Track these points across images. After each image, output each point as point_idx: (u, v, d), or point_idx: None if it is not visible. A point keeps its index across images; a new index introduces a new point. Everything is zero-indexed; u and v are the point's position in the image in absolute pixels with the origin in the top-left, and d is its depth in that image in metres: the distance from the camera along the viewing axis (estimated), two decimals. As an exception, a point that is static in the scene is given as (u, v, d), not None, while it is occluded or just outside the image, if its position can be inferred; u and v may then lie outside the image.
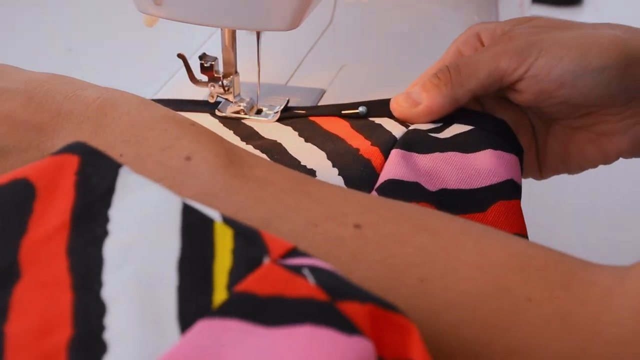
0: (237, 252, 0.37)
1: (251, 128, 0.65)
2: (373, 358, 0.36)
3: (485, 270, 0.42)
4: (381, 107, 0.65)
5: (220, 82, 0.66)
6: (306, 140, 0.63)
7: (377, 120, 0.64)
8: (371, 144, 0.61)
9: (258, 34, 0.65)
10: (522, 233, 0.56)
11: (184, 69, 0.67)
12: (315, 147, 0.62)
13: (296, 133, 0.64)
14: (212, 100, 0.67)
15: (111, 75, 1.10)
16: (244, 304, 0.36)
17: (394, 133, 0.62)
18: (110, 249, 0.37)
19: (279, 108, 0.67)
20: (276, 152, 0.61)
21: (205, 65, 0.66)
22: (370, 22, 0.84)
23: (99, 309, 0.35)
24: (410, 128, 0.63)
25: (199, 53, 0.67)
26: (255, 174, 0.46)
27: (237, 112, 0.67)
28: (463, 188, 0.58)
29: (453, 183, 0.58)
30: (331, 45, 0.80)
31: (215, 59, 0.66)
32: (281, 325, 0.35)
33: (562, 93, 0.61)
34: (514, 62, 0.60)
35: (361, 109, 0.65)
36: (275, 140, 0.63)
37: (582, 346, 0.40)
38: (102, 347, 0.34)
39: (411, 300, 0.42)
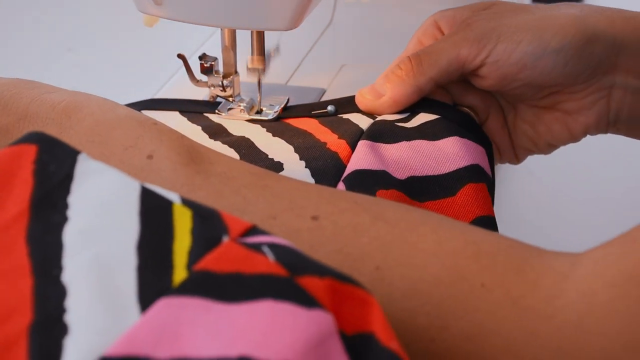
0: (196, 232, 0.38)
1: (220, 125, 0.65)
2: (333, 330, 0.36)
3: (441, 258, 0.43)
4: (349, 104, 0.65)
5: (220, 82, 0.66)
6: (274, 136, 0.63)
7: (345, 115, 0.64)
8: (338, 137, 0.61)
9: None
10: (491, 215, 0.57)
11: (183, 69, 0.67)
12: (282, 141, 0.62)
13: (264, 129, 0.64)
14: (212, 100, 0.67)
15: (111, 75, 1.10)
16: (203, 282, 0.36)
17: (360, 125, 0.63)
18: (70, 235, 0.37)
19: (279, 107, 0.67)
20: (244, 146, 0.61)
21: (205, 65, 0.66)
22: (370, 22, 0.84)
23: (59, 292, 0.36)
24: (376, 119, 0.63)
25: (199, 53, 0.67)
26: (216, 170, 0.47)
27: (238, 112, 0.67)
28: (431, 174, 0.58)
29: (421, 170, 0.58)
30: (331, 45, 0.80)
31: (215, 59, 0.66)
32: (241, 301, 0.35)
33: (523, 75, 0.62)
34: (474, 49, 0.61)
35: (330, 107, 0.65)
36: (244, 136, 0.63)
37: (535, 330, 0.41)
38: (62, 329, 0.35)
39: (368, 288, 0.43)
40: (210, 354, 0.34)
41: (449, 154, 0.59)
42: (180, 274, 0.36)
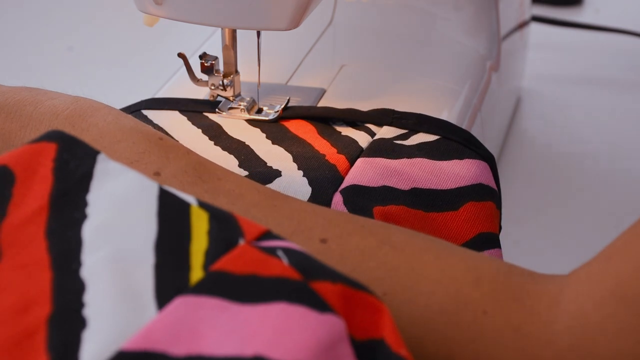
0: (212, 234, 0.38)
1: (220, 126, 0.65)
2: (344, 335, 0.37)
3: (445, 285, 0.44)
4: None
5: (220, 82, 0.66)
6: (273, 143, 0.63)
7: (344, 131, 0.65)
8: (337, 152, 0.62)
9: (258, 34, 0.65)
10: (493, 231, 0.58)
11: (184, 68, 0.67)
12: (282, 150, 0.62)
13: (264, 135, 0.65)
14: (212, 99, 0.68)
15: (111, 75, 1.10)
16: (219, 282, 0.37)
17: (360, 143, 0.63)
18: (89, 231, 0.38)
19: (280, 107, 0.67)
20: (243, 153, 0.62)
21: (206, 64, 0.66)
22: (370, 22, 0.84)
23: (78, 286, 0.36)
24: (375, 138, 0.63)
25: (200, 52, 0.67)
26: (224, 187, 0.48)
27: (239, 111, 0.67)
28: (434, 188, 0.59)
29: (424, 183, 0.59)
30: (331, 45, 0.80)
31: (216, 58, 0.66)
32: (255, 303, 0.36)
33: None
34: None
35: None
36: (244, 142, 0.63)
37: (536, 356, 0.42)
38: (81, 323, 0.35)
39: (379, 295, 0.43)
40: (225, 352, 0.35)
41: (450, 173, 0.59)
42: (197, 273, 0.37)
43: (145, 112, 0.67)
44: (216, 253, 0.38)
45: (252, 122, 0.66)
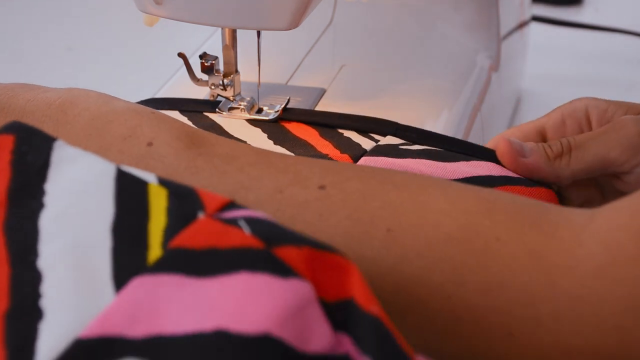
0: (171, 211, 0.38)
1: (220, 127, 0.65)
2: (312, 298, 0.36)
3: (454, 216, 0.43)
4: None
5: (220, 82, 0.66)
6: (275, 143, 0.63)
7: (346, 133, 0.64)
8: (340, 152, 0.61)
9: (258, 33, 0.65)
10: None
11: (184, 68, 0.67)
12: (284, 150, 0.62)
13: (265, 135, 0.64)
14: (212, 99, 0.68)
15: (111, 75, 1.10)
16: (177, 258, 0.36)
17: (363, 146, 0.63)
18: (46, 221, 0.38)
19: (280, 107, 0.67)
20: None
21: (206, 64, 0.66)
22: (370, 22, 0.84)
23: (35, 278, 0.36)
24: (379, 143, 0.63)
25: (200, 52, 0.67)
26: (218, 151, 0.47)
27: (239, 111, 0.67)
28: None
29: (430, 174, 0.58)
30: (331, 45, 0.80)
31: (216, 58, 0.66)
32: (215, 275, 0.35)
33: None
34: (625, 155, 0.58)
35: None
36: (245, 142, 0.63)
37: (553, 281, 0.41)
38: (37, 314, 0.35)
39: (380, 251, 0.43)
40: (185, 329, 0.34)
41: (456, 171, 0.59)
42: (155, 252, 0.36)
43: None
44: (175, 229, 0.37)
45: (252, 122, 0.66)
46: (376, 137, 0.64)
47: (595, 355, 0.41)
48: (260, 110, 0.67)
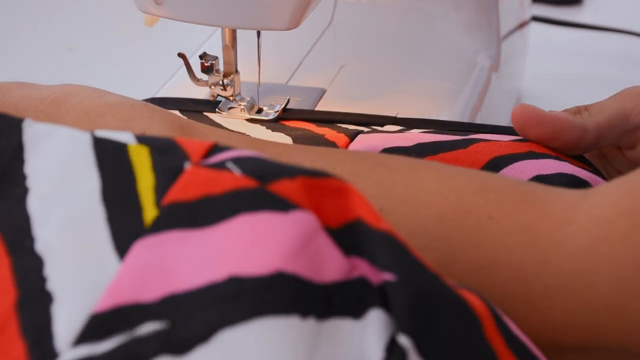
0: (156, 167, 0.37)
1: (220, 126, 0.65)
2: (317, 226, 0.35)
3: (445, 195, 0.43)
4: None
5: (220, 82, 0.66)
6: (273, 131, 0.64)
7: (344, 125, 0.65)
8: (337, 132, 0.62)
9: (258, 33, 0.65)
10: (511, 153, 0.55)
11: (184, 68, 0.67)
12: (282, 134, 0.63)
13: (263, 127, 0.65)
14: (212, 99, 0.68)
15: (111, 75, 1.10)
16: (174, 214, 0.35)
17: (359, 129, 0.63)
18: (34, 204, 0.37)
19: (280, 107, 0.67)
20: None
21: (206, 64, 0.66)
22: (370, 22, 0.84)
23: (37, 263, 0.35)
24: (377, 128, 0.63)
25: (200, 52, 0.67)
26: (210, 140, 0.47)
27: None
28: (437, 140, 0.57)
29: (428, 139, 0.57)
30: (331, 45, 0.80)
31: (216, 58, 0.66)
32: (216, 223, 0.35)
33: None
34: (636, 100, 0.59)
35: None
36: (243, 133, 0.63)
37: (546, 257, 0.41)
38: (48, 299, 0.34)
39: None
40: (198, 283, 0.34)
41: (453, 137, 0.58)
42: (150, 212, 0.36)
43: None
44: (165, 185, 0.36)
45: (252, 121, 0.66)
46: (375, 128, 0.64)
47: (586, 332, 0.41)
48: (260, 111, 0.67)
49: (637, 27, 1.16)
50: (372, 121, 0.65)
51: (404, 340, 0.34)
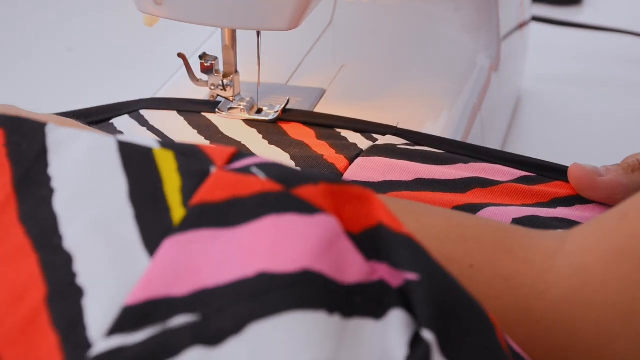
0: (182, 170, 0.38)
1: (216, 127, 0.65)
2: (340, 230, 0.36)
3: (427, 243, 0.43)
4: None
5: (220, 82, 0.66)
6: (270, 143, 0.63)
7: (344, 132, 0.64)
8: (336, 152, 0.61)
9: (258, 34, 0.65)
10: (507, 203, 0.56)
11: (184, 68, 0.67)
12: (279, 150, 0.62)
13: (260, 136, 0.64)
14: (212, 100, 0.68)
15: (111, 75, 1.10)
16: (202, 214, 0.36)
17: (359, 146, 0.62)
18: (60, 204, 0.38)
19: (280, 107, 0.67)
20: None
21: (206, 64, 0.66)
22: (370, 22, 0.84)
23: (66, 259, 0.36)
24: (376, 143, 0.63)
25: (199, 52, 0.67)
26: None
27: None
28: (438, 178, 0.58)
29: (428, 174, 0.58)
30: (331, 45, 0.80)
31: (216, 58, 0.66)
32: (244, 223, 0.36)
33: None
34: None
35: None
36: (240, 142, 0.63)
37: (528, 306, 0.41)
38: (78, 292, 0.35)
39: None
40: (228, 278, 0.35)
41: (452, 172, 0.59)
42: (178, 212, 0.37)
43: (142, 112, 0.67)
44: (192, 187, 0.37)
45: (249, 123, 0.66)
46: (375, 136, 0.64)
47: None
48: (259, 111, 0.67)
49: (637, 27, 1.16)
50: (373, 129, 0.65)
51: (427, 335, 0.34)
